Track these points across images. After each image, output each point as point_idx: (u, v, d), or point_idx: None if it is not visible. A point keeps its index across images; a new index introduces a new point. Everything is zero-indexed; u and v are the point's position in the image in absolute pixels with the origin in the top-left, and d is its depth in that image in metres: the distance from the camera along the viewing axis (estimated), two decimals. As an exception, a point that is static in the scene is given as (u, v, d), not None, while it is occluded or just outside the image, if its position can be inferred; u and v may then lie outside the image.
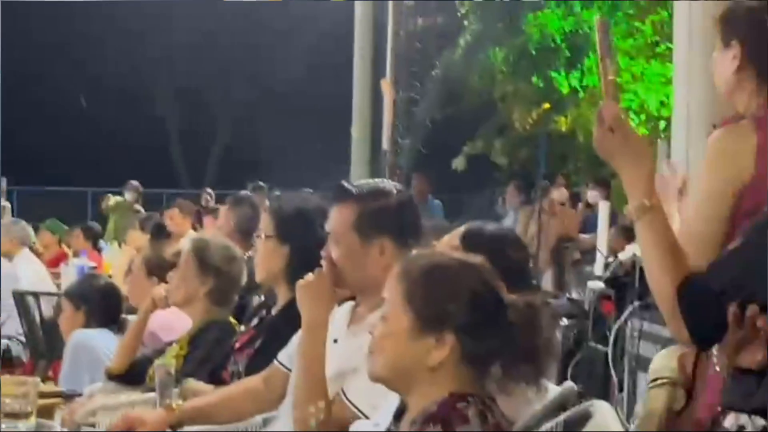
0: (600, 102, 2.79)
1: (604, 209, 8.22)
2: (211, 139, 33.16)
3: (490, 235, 3.28)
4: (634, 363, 6.34)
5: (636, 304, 6.44)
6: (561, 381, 3.32)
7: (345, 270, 3.39)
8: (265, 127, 29.22)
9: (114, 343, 5.33)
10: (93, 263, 10.40)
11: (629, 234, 7.80)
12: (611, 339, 6.53)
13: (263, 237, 4.18)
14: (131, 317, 5.38)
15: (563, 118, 16.90)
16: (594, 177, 13.70)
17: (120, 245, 12.23)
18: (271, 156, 27.42)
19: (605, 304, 7.15)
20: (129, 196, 16.20)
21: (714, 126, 3.20)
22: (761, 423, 2.51)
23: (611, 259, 7.35)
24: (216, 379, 4.22)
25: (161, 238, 8.79)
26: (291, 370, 3.55)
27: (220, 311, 4.76)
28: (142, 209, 15.44)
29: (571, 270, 11.03)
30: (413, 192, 8.54)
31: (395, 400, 2.76)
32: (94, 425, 4.18)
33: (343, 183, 3.50)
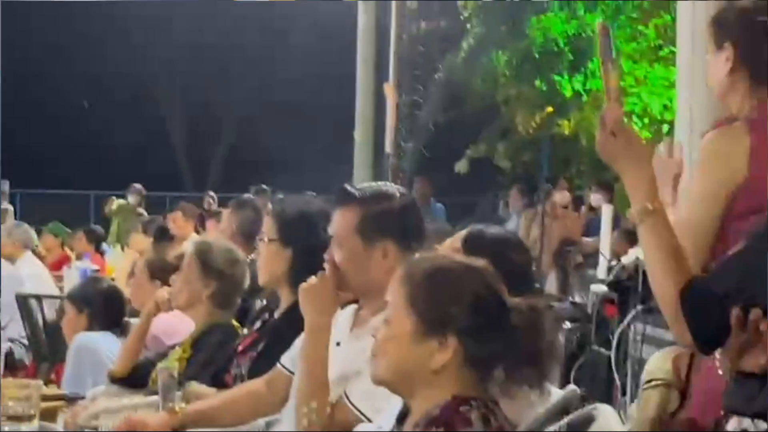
0: (603, 105, 2.79)
1: (607, 212, 8.21)
2: (215, 142, 33.16)
3: (491, 239, 3.27)
4: (637, 367, 6.32)
5: (639, 307, 6.43)
6: (564, 384, 3.32)
7: (348, 273, 3.39)
8: (269, 131, 29.20)
9: (117, 346, 5.33)
10: (96, 266, 10.40)
11: (632, 237, 7.80)
12: (614, 342, 6.52)
13: (266, 240, 4.18)
14: (134, 320, 5.38)
15: (566, 121, 16.90)
16: (597, 180, 13.68)
17: (123, 248, 12.24)
18: (274, 159, 27.43)
19: (608, 307, 7.14)
20: (132, 199, 16.21)
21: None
22: (764, 427, 2.51)
23: (614, 263, 7.33)
24: (219, 383, 4.22)
25: (164, 241, 8.80)
26: (294, 373, 3.55)
27: (222, 314, 4.76)
28: (145, 212, 15.45)
29: (574, 273, 11.02)
30: (416, 195, 8.54)
31: (398, 403, 2.76)
32: (96, 428, 4.18)
33: (346, 186, 3.50)
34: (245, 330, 4.57)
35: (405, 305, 2.61)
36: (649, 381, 4.18)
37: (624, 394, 6.41)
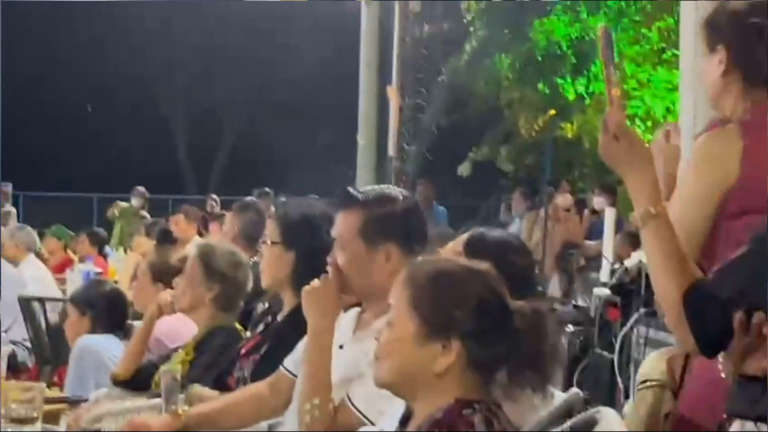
0: (606, 109, 2.79)
1: (610, 216, 8.22)
2: (218, 145, 33.17)
3: (493, 242, 3.26)
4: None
5: (642, 310, 6.44)
6: (567, 388, 3.32)
7: (351, 276, 3.39)
8: (271, 133, 29.22)
9: (120, 349, 5.34)
10: (99, 269, 10.40)
11: (635, 241, 7.80)
12: (617, 346, 6.52)
13: (269, 243, 4.18)
14: (137, 323, 5.38)
15: (569, 124, 16.91)
16: (600, 183, 13.69)
17: (126, 251, 12.24)
18: (277, 162, 27.43)
19: (611, 310, 7.14)
20: (135, 201, 16.23)
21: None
22: (766, 430, 2.51)
23: (617, 266, 7.35)
24: (221, 385, 4.22)
25: (167, 243, 8.80)
26: (297, 376, 3.55)
27: (225, 317, 4.77)
28: (148, 215, 15.46)
29: (577, 277, 11.02)
30: (418, 198, 8.54)
31: (401, 406, 2.76)
32: (99, 431, 4.18)
33: (349, 189, 3.50)
34: (248, 333, 4.57)
35: (408, 308, 2.61)
36: (644, 382, 4.21)
37: (627, 397, 6.41)
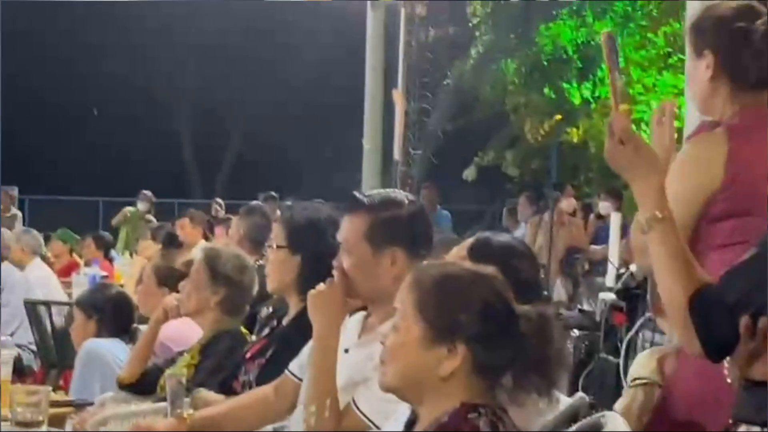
0: (611, 113, 2.79)
1: (615, 220, 8.21)
2: (224, 148, 33.17)
3: (498, 246, 3.26)
4: (645, 374, 6.31)
5: (647, 315, 6.42)
6: (572, 392, 3.32)
7: (356, 280, 3.39)
8: (278, 137, 29.24)
9: (125, 353, 5.34)
10: (104, 273, 10.41)
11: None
12: (623, 350, 6.50)
13: (275, 247, 4.18)
14: (143, 327, 5.38)
15: (575, 129, 16.91)
16: (606, 188, 13.68)
17: (131, 255, 12.25)
18: (283, 166, 27.45)
19: (617, 315, 7.13)
20: (142, 205, 16.24)
21: None
22: (773, 436, 2.51)
23: (623, 271, 7.33)
24: (227, 389, 4.22)
25: (172, 247, 8.80)
26: (302, 380, 3.55)
27: (231, 321, 4.77)
28: (154, 219, 15.46)
29: (583, 281, 11.01)
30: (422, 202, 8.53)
31: (406, 410, 2.76)
32: (105, 434, 4.19)
33: (355, 193, 3.50)
34: (253, 337, 4.57)
35: (414, 312, 2.61)
36: (634, 380, 4.23)
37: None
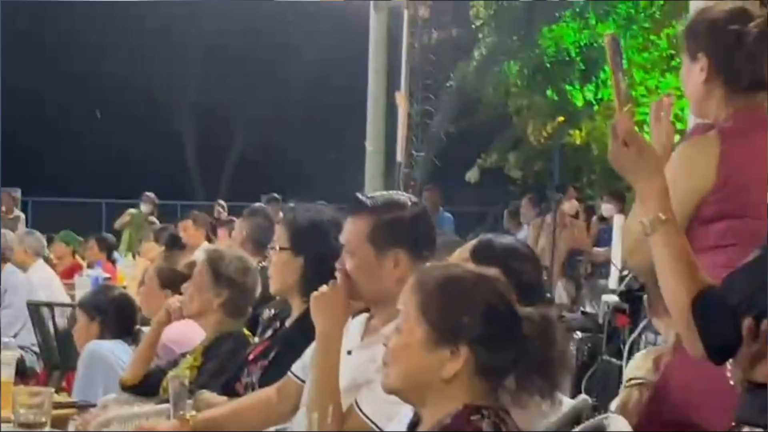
0: (615, 115, 2.79)
1: (618, 222, 8.21)
2: (227, 150, 33.17)
3: (501, 248, 3.25)
4: (648, 377, 6.31)
5: (650, 317, 6.42)
6: (575, 395, 3.32)
7: (359, 282, 3.39)
8: (280, 139, 29.24)
9: (128, 355, 5.34)
10: (107, 274, 10.42)
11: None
12: (626, 352, 6.51)
13: (277, 249, 4.18)
14: (145, 328, 5.38)
15: (578, 131, 16.91)
16: (608, 190, 13.67)
17: (134, 257, 12.25)
18: (286, 167, 27.44)
19: (620, 317, 7.13)
20: (145, 207, 16.24)
21: None
22: (776, 437, 2.51)
23: (626, 273, 7.33)
24: (229, 391, 4.22)
25: (175, 249, 8.80)
26: (305, 381, 3.55)
27: (234, 323, 4.77)
28: (157, 221, 15.46)
29: (585, 283, 11.01)
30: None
31: (409, 411, 2.76)
32: (107, 436, 4.19)
33: (358, 195, 3.50)
34: (256, 338, 4.57)
35: (416, 314, 2.61)
36: (630, 380, 4.25)
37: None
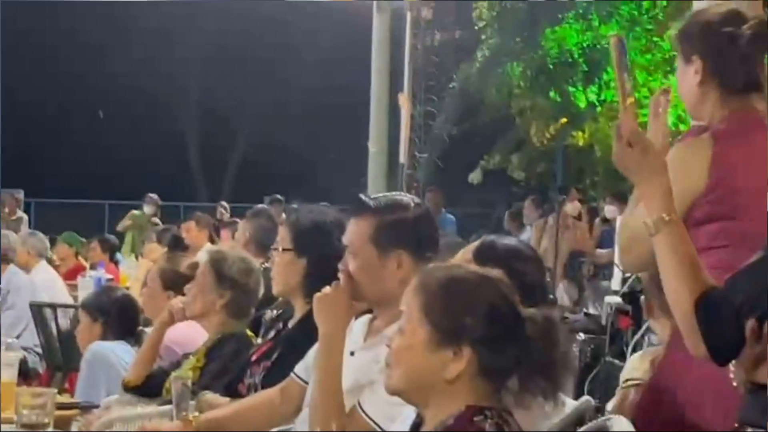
0: (617, 116, 2.79)
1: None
2: (230, 151, 33.19)
3: (504, 250, 3.25)
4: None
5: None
6: (578, 396, 3.32)
7: (362, 283, 3.39)
8: (283, 139, 29.24)
9: (131, 356, 5.34)
10: (110, 275, 10.42)
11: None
12: (629, 354, 6.51)
13: (280, 250, 4.18)
14: (148, 329, 5.38)
15: (581, 132, 16.90)
16: (611, 191, 13.66)
17: (137, 258, 12.25)
18: (289, 169, 27.45)
19: (622, 319, 7.14)
20: (148, 209, 16.24)
21: None
22: (780, 439, 2.51)
23: (628, 274, 7.33)
24: (232, 392, 4.22)
25: (178, 250, 8.81)
26: (308, 382, 3.55)
27: (237, 324, 4.76)
28: (160, 222, 15.46)
29: (588, 285, 11.01)
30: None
31: (411, 412, 2.76)
32: (110, 437, 4.19)
33: (361, 196, 3.50)
34: (259, 339, 4.57)
35: (419, 315, 2.60)
36: (627, 380, 4.27)
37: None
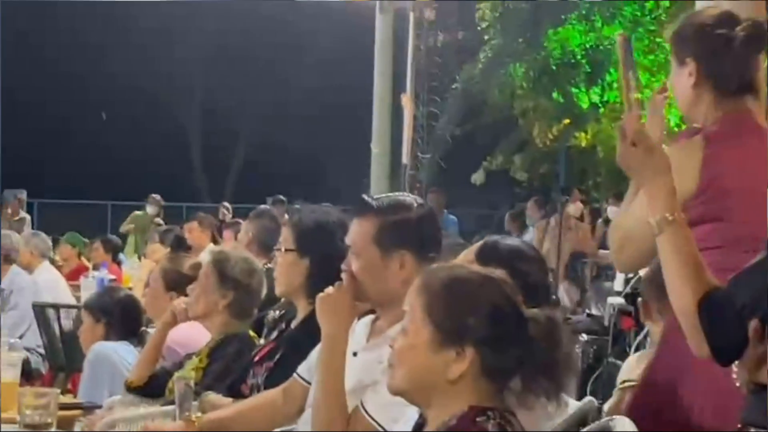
0: (620, 117, 2.79)
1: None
2: (232, 152, 33.20)
3: (506, 250, 3.25)
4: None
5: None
6: (580, 397, 3.32)
7: (365, 283, 3.39)
8: (285, 140, 29.26)
9: (133, 356, 5.34)
10: (113, 276, 10.42)
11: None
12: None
13: (283, 250, 4.18)
14: (151, 330, 5.38)
15: (583, 133, 16.92)
16: (614, 192, 13.67)
17: (140, 258, 12.25)
18: (291, 169, 27.46)
19: (625, 319, 7.13)
20: (150, 209, 16.25)
21: None
22: (782, 439, 2.50)
23: (631, 275, 7.33)
24: (235, 392, 4.22)
25: (181, 251, 8.80)
26: (310, 383, 3.55)
27: (239, 324, 4.76)
28: (163, 223, 15.47)
29: (591, 286, 11.01)
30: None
31: (414, 413, 2.76)
32: (113, 437, 4.19)
33: (364, 196, 3.50)
34: (262, 340, 4.57)
35: (422, 315, 2.60)
36: (623, 382, 4.28)
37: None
